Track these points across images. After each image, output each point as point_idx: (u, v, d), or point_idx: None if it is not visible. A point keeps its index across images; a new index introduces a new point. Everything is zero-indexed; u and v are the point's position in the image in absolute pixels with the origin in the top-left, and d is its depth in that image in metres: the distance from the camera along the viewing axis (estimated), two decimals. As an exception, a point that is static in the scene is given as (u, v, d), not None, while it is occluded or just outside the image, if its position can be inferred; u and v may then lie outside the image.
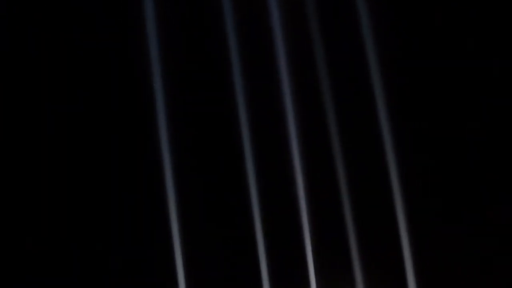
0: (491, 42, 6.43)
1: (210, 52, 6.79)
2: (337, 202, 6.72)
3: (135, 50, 6.52)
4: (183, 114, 6.65)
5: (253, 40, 6.78)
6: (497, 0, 6.31)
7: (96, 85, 6.70)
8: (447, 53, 6.59)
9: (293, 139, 6.69)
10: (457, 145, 6.57)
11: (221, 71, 6.61)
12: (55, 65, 6.44)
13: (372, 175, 6.69)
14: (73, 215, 6.64)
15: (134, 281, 6.62)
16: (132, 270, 6.79)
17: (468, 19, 6.68)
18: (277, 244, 6.95)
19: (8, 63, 6.21)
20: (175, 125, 6.52)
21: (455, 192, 6.49)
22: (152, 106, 6.38)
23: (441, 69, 6.62)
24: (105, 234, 6.66)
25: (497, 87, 6.39)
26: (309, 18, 6.76)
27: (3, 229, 6.36)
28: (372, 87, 6.71)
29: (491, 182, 6.48)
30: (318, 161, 6.95)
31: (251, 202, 6.76)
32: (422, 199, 6.42)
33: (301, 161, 6.91)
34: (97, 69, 6.68)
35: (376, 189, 6.62)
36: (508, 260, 6.35)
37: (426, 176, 6.48)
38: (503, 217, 6.40)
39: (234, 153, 6.57)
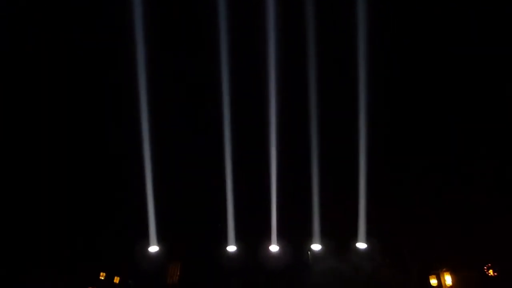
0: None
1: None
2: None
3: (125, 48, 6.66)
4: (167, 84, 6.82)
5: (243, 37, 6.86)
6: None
7: (88, 83, 6.88)
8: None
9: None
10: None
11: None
12: (55, 65, 6.60)
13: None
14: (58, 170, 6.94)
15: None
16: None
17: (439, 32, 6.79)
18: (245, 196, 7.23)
19: (8, 63, 6.42)
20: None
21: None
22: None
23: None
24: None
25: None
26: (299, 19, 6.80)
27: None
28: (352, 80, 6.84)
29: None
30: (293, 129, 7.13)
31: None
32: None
33: (277, 124, 7.03)
34: (92, 68, 6.85)
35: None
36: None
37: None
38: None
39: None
